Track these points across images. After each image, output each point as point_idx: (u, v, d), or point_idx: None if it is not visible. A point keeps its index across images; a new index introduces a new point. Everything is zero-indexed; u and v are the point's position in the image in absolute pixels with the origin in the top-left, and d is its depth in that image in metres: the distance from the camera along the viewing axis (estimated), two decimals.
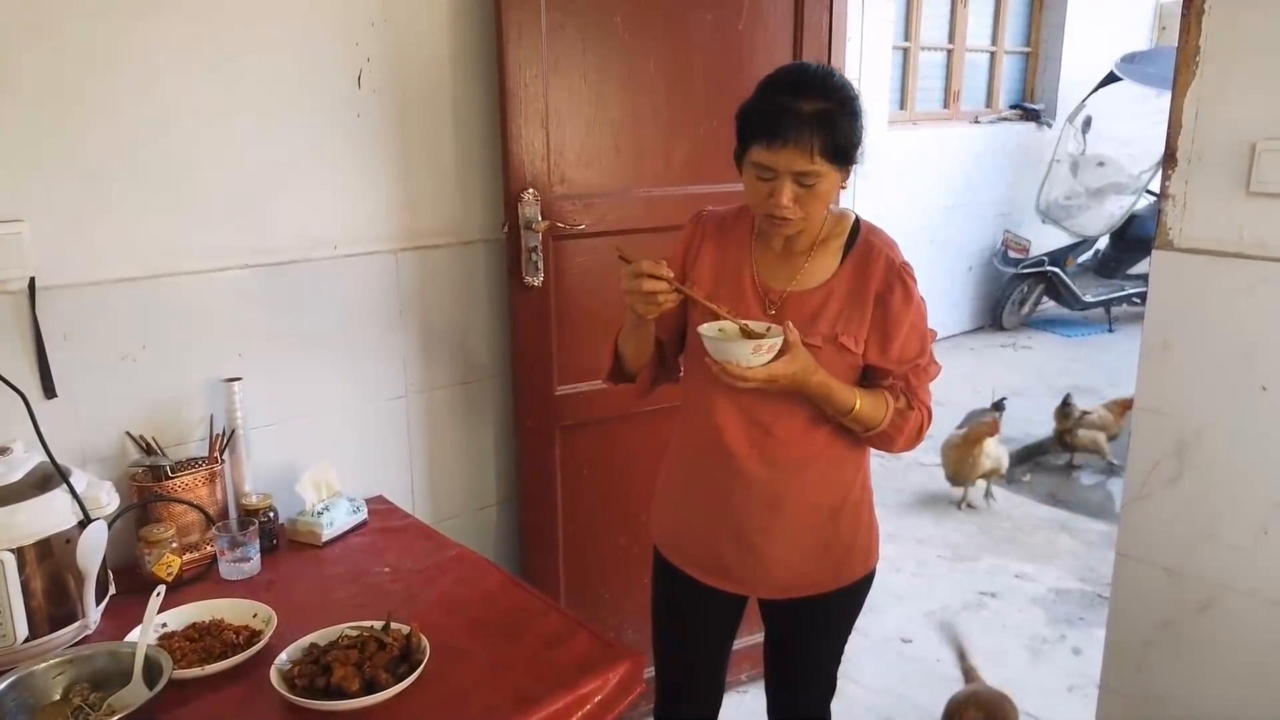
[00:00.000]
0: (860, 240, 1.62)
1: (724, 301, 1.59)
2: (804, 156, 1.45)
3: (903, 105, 6.44)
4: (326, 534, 1.88)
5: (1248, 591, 1.85)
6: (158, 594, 1.44)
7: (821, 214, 1.56)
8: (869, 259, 1.60)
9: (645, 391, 1.77)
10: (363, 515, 1.98)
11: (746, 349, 1.47)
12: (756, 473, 1.63)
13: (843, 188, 1.55)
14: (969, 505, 4.16)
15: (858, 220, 1.65)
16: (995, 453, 4.11)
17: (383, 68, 2.02)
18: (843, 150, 1.48)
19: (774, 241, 1.63)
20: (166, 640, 1.49)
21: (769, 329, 1.51)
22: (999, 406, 4.39)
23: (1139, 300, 6.76)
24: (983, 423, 4.10)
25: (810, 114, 1.44)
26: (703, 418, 1.67)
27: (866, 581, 1.77)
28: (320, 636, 1.46)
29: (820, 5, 2.47)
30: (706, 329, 1.52)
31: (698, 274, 1.65)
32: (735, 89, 2.40)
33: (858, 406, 1.57)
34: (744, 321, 1.54)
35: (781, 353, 1.48)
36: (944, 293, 6.58)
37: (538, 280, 2.21)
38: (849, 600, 1.77)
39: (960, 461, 4.05)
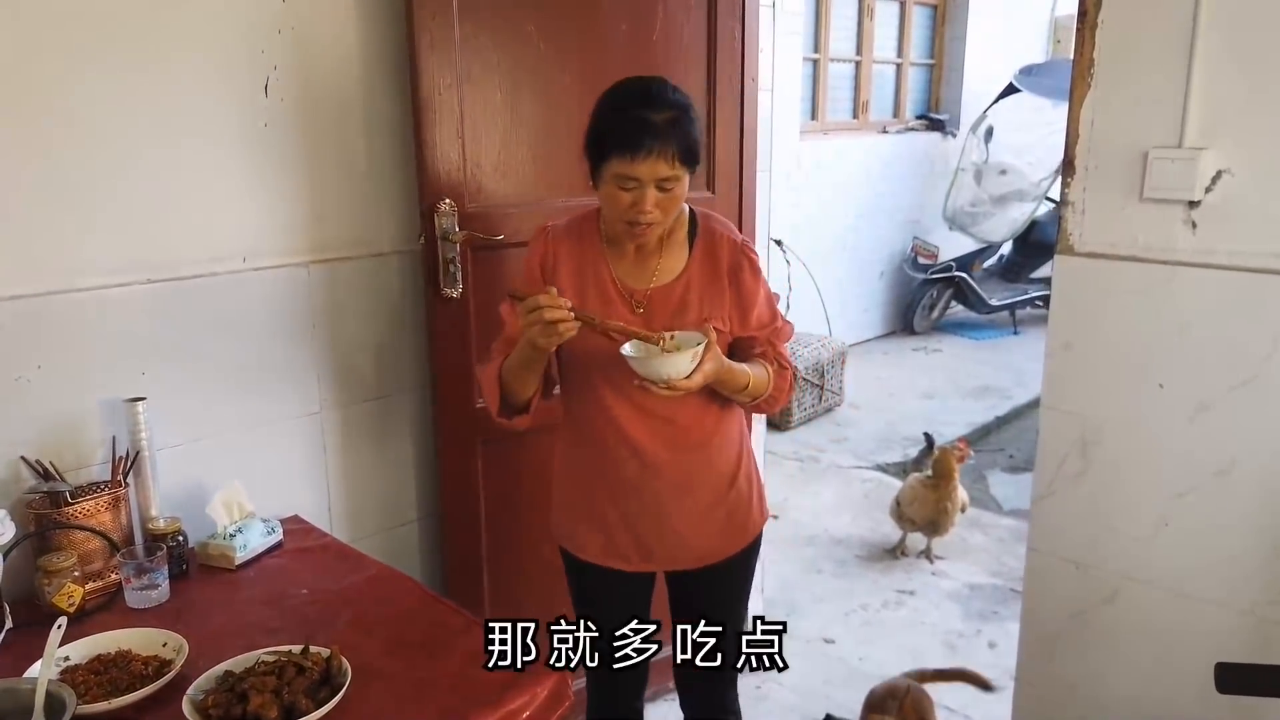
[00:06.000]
0: (702, 228, 1.74)
1: (591, 307, 1.65)
2: (666, 163, 1.55)
3: (814, 115, 6.56)
4: (240, 557, 1.82)
5: (1149, 581, 1.93)
6: (59, 626, 1.38)
7: (675, 214, 1.66)
8: (714, 243, 1.73)
9: (530, 414, 1.79)
10: (278, 536, 1.93)
11: (683, 361, 1.53)
12: (665, 459, 1.74)
13: None
14: (903, 554, 3.80)
15: (693, 211, 1.76)
16: (961, 490, 3.74)
17: (291, 76, 1.97)
18: (695, 153, 1.59)
19: (626, 244, 1.71)
20: (69, 674, 1.42)
21: (672, 335, 1.59)
22: (930, 442, 3.92)
23: (1042, 303, 7.00)
24: (949, 450, 3.65)
25: (665, 123, 1.54)
26: (601, 419, 1.74)
27: (760, 536, 1.91)
28: (235, 664, 1.41)
29: (732, 17, 2.50)
30: (630, 350, 1.57)
31: (558, 285, 1.69)
32: None
33: (751, 382, 1.70)
34: (645, 332, 1.59)
35: (705, 355, 1.55)
36: (856, 298, 6.73)
37: (456, 292, 2.18)
38: (752, 556, 1.91)
39: (938, 504, 3.58)
